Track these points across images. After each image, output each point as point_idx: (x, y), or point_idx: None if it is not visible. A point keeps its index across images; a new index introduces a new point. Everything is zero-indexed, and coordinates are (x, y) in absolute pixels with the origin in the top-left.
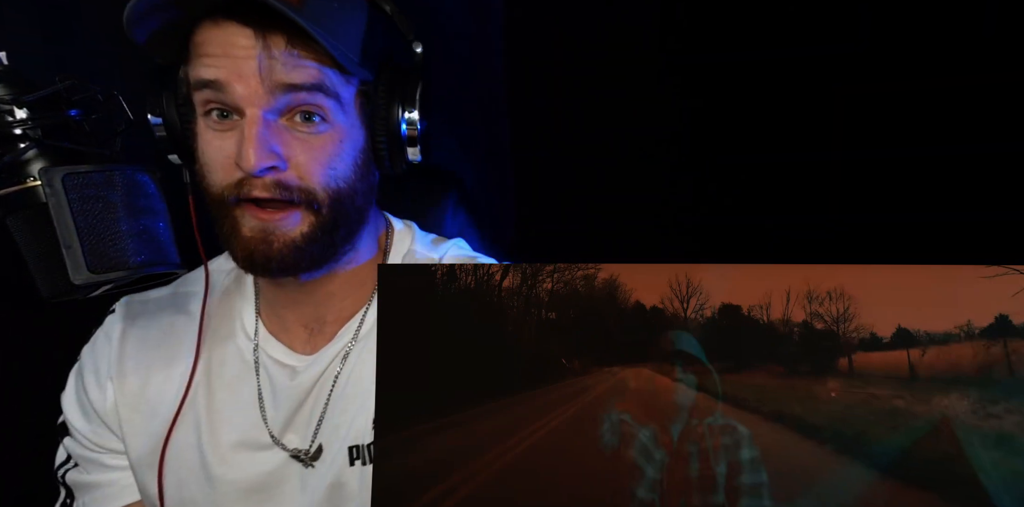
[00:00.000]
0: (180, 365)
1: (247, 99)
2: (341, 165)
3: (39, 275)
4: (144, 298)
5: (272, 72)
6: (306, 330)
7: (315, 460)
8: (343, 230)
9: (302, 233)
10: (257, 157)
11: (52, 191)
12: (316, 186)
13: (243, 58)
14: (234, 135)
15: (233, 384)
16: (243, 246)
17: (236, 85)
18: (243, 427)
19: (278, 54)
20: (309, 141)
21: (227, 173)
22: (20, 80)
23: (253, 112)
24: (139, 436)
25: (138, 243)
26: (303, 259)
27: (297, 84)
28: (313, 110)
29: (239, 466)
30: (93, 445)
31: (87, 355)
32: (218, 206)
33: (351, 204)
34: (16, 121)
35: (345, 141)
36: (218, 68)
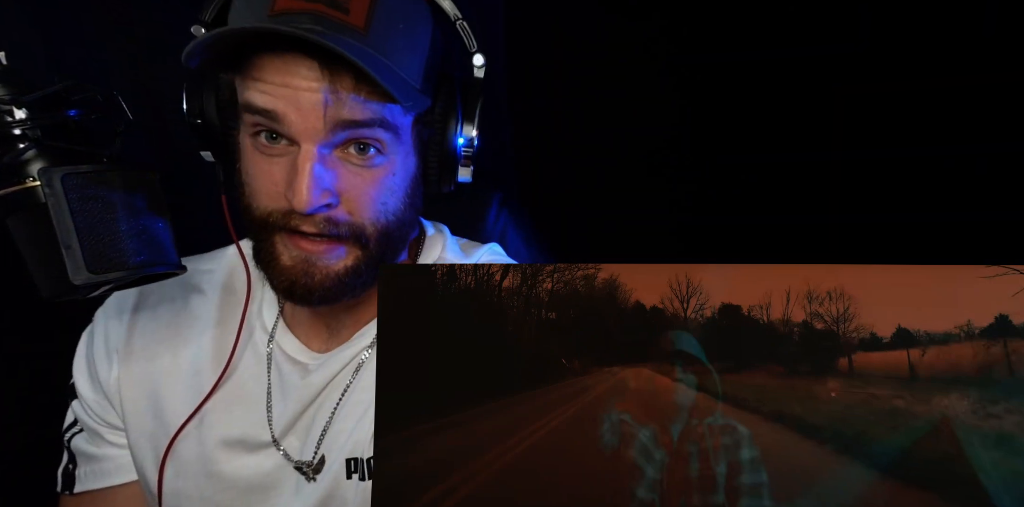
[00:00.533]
0: (190, 347)
1: (304, 133)
2: (392, 200)
3: (39, 275)
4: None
5: (335, 110)
6: (327, 329)
7: (317, 472)
8: (389, 258)
9: (346, 267)
10: (311, 196)
11: (51, 191)
12: (366, 222)
13: (305, 91)
14: (284, 162)
15: (244, 379)
16: (283, 276)
17: (294, 117)
18: (244, 424)
19: (344, 95)
20: (362, 174)
21: (273, 200)
22: (19, 80)
23: (308, 147)
24: (140, 416)
25: (138, 243)
26: (345, 292)
27: (359, 121)
28: (370, 143)
29: (236, 464)
30: (96, 416)
31: (99, 321)
32: (260, 229)
33: (398, 235)
34: (15, 121)
35: (399, 172)
36: (276, 98)
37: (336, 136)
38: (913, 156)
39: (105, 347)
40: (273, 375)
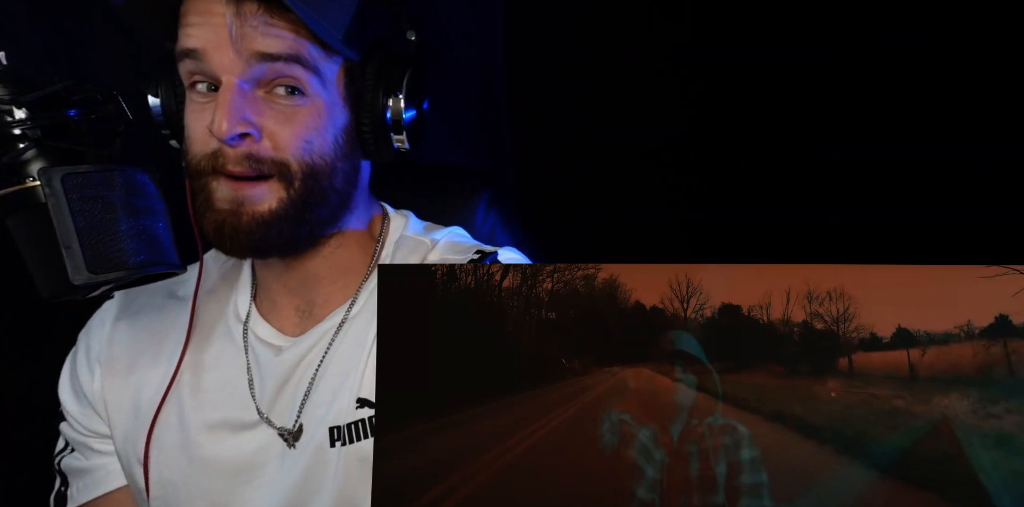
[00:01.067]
0: (167, 348)
1: (222, 67)
2: (318, 140)
3: (38, 275)
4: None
5: (245, 40)
6: (297, 313)
7: (297, 440)
8: (319, 210)
9: (270, 208)
10: (229, 123)
11: (51, 191)
12: (290, 158)
13: (218, 25)
14: (212, 106)
15: (219, 364)
16: (214, 219)
17: (212, 53)
18: (227, 406)
19: (251, 21)
20: (286, 112)
21: (204, 144)
22: (19, 80)
23: (228, 79)
24: (123, 418)
25: (138, 243)
26: (272, 235)
27: (272, 53)
28: (292, 83)
29: (220, 446)
30: (83, 429)
31: (82, 338)
32: (196, 179)
33: (328, 183)
34: (15, 121)
35: (324, 117)
36: (197, 37)
37: (253, 69)
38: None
39: (87, 359)
40: (250, 358)
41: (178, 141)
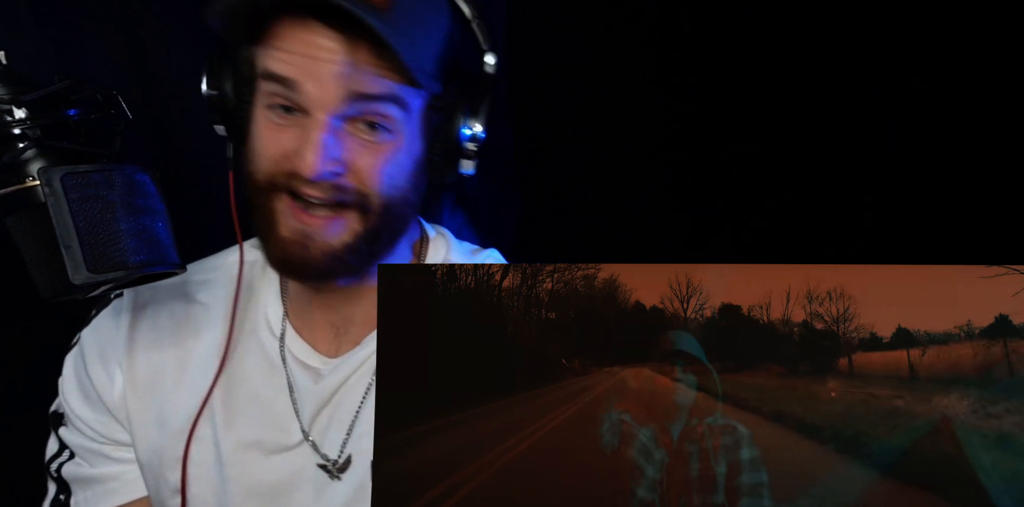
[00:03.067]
0: (195, 357)
1: (318, 102)
2: (398, 175)
3: (38, 275)
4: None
5: (351, 80)
6: (332, 329)
7: (343, 472)
8: (386, 239)
9: (343, 243)
10: (319, 163)
11: (51, 191)
12: (371, 192)
13: (324, 61)
14: (294, 132)
15: (253, 380)
16: (279, 247)
17: (309, 86)
18: (262, 426)
19: (362, 67)
20: (371, 148)
21: (278, 164)
22: (19, 79)
23: (321, 116)
24: (149, 429)
25: (137, 243)
26: (340, 268)
27: (373, 95)
28: (381, 121)
29: (254, 467)
30: (97, 435)
31: (89, 339)
32: (259, 194)
33: (400, 213)
34: (15, 121)
35: (405, 151)
36: (293, 66)
37: (349, 108)
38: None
39: (102, 363)
40: (291, 379)
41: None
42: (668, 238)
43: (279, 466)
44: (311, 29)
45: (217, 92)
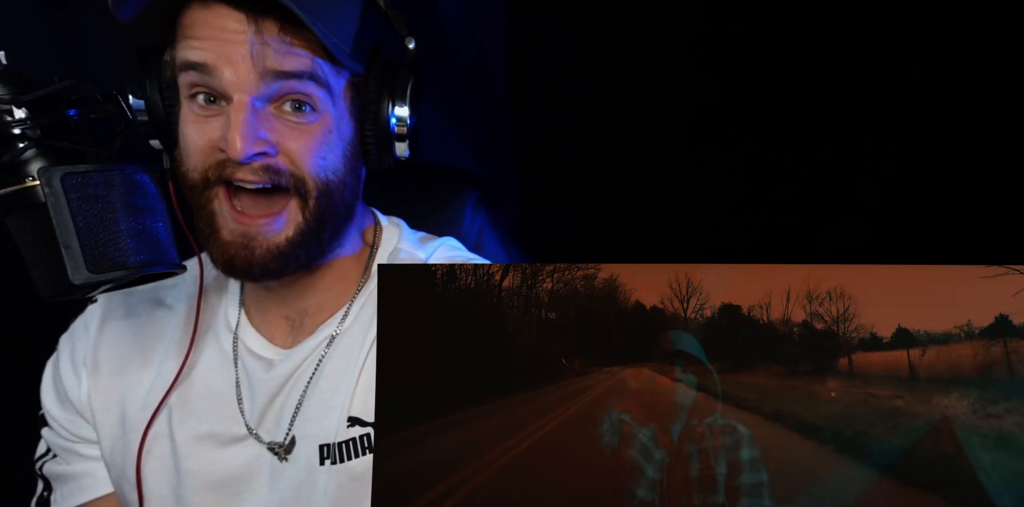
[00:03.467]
0: (156, 357)
1: (235, 85)
2: (331, 156)
3: (38, 275)
4: (127, 290)
5: (263, 58)
6: (288, 322)
7: (288, 453)
8: (331, 228)
9: (287, 238)
10: (244, 143)
11: (51, 191)
12: (306, 174)
13: (233, 42)
14: (219, 121)
15: (208, 376)
16: (222, 251)
17: (224, 69)
18: (214, 419)
19: (270, 40)
20: (298, 129)
21: (208, 156)
22: (19, 79)
23: (241, 98)
24: (110, 427)
25: (137, 243)
26: (288, 265)
27: (288, 71)
28: (303, 99)
29: (208, 458)
30: (68, 434)
31: (65, 343)
32: (196, 193)
33: (340, 199)
34: (15, 121)
35: (334, 132)
36: (206, 51)
37: (267, 87)
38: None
39: (72, 365)
40: (240, 371)
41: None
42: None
43: (232, 457)
44: (218, 13)
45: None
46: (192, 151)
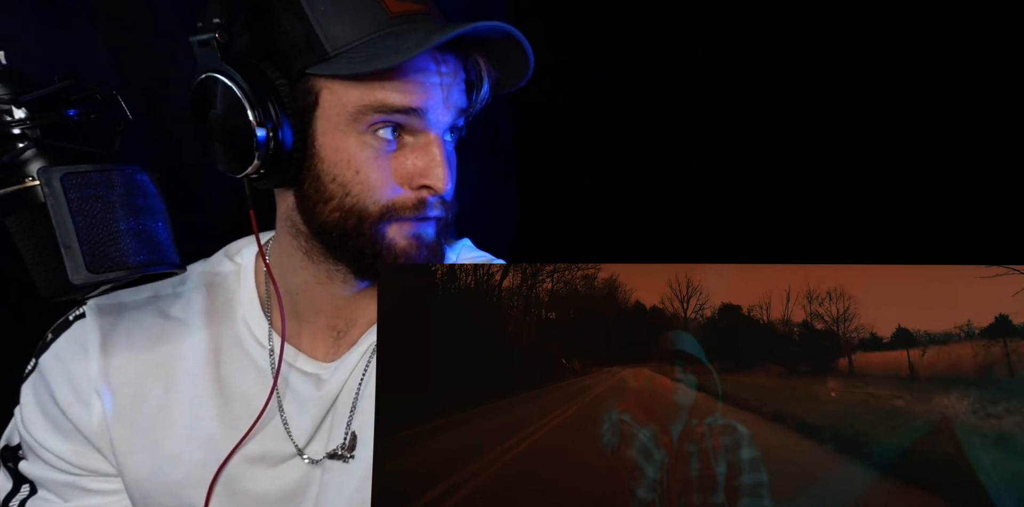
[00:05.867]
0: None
1: (437, 124)
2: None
3: (38, 275)
4: (116, 301)
5: (455, 97)
6: (333, 333)
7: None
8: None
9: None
10: (450, 178)
11: (51, 191)
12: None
13: (447, 86)
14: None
15: (248, 394)
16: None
17: (432, 112)
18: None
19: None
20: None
21: (382, 192)
22: (19, 79)
23: (439, 134)
24: (138, 454)
25: (137, 243)
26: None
27: (465, 108)
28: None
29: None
30: (72, 467)
31: (53, 365)
32: (368, 224)
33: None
34: (14, 121)
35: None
36: (421, 95)
37: (455, 122)
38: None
39: (73, 391)
40: (282, 388)
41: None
42: (668, 238)
43: (285, 474)
44: (429, 56)
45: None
46: (369, 186)
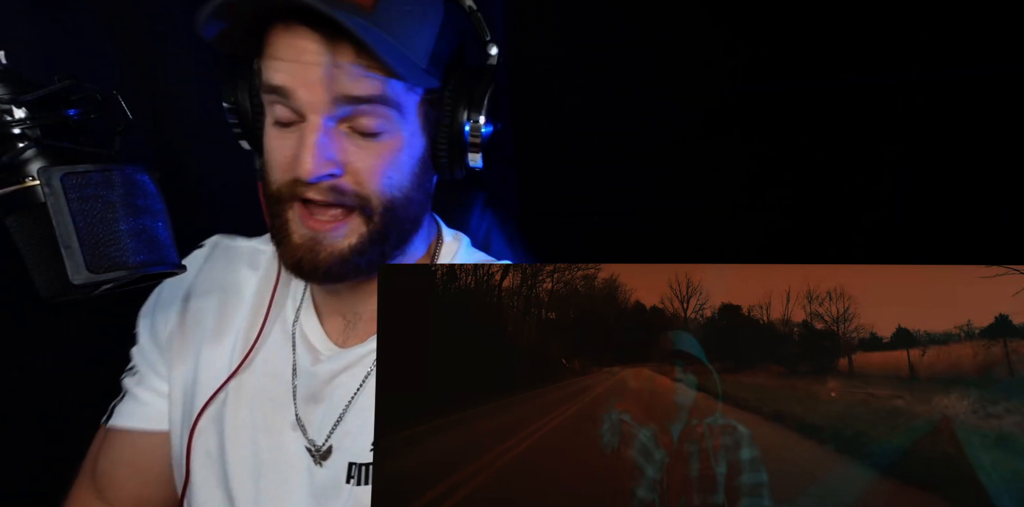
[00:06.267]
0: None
1: (310, 106)
2: (397, 175)
3: (38, 275)
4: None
5: (336, 82)
6: (343, 320)
7: (324, 460)
8: (393, 240)
9: (350, 245)
10: (314, 165)
11: (51, 191)
12: (371, 193)
13: (310, 64)
14: (294, 137)
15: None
16: (291, 253)
17: (300, 91)
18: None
19: (345, 64)
20: (367, 149)
21: (283, 173)
22: (19, 79)
23: (314, 119)
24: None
25: (137, 243)
26: (350, 270)
27: (359, 97)
28: (375, 121)
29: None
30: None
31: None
32: (273, 203)
33: (405, 214)
34: (15, 121)
35: (404, 150)
36: (285, 73)
37: (339, 109)
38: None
39: (169, 298)
40: (296, 357)
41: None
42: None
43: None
44: (298, 34)
45: (234, 105)
46: (272, 165)
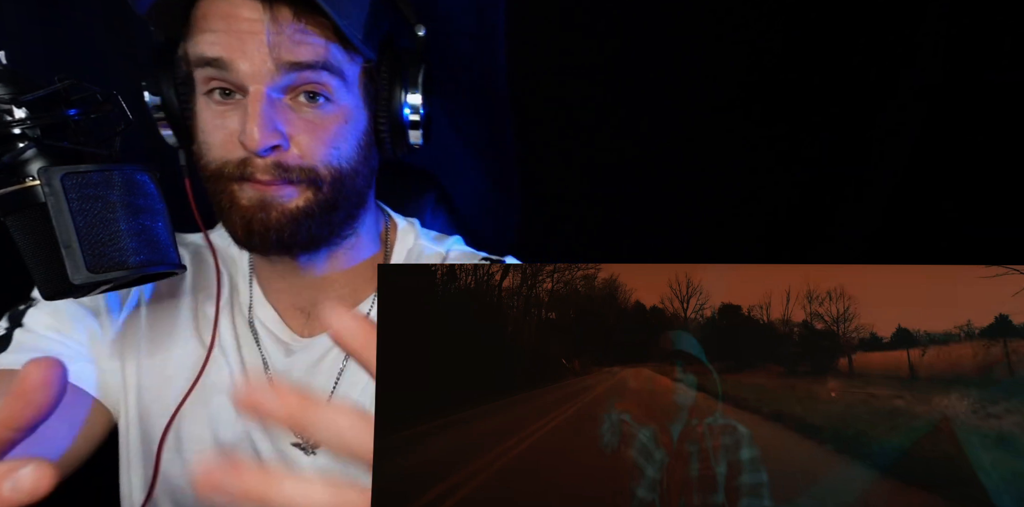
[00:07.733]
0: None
1: (251, 77)
2: (344, 145)
3: (38, 275)
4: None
5: (278, 49)
6: (302, 314)
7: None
8: (342, 212)
9: (298, 206)
10: (262, 135)
11: (51, 191)
12: (318, 164)
13: (248, 32)
14: (236, 113)
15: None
16: (242, 215)
17: (240, 63)
18: None
19: (285, 28)
20: (313, 120)
21: (227, 151)
22: (19, 79)
23: (257, 89)
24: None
25: (137, 243)
26: (300, 233)
27: (303, 62)
28: (318, 89)
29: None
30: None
31: None
32: (216, 182)
33: (352, 185)
34: (15, 120)
35: (349, 121)
36: (221, 45)
37: (283, 78)
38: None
39: None
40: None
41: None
42: (668, 238)
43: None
44: (232, 2)
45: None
46: (212, 145)
